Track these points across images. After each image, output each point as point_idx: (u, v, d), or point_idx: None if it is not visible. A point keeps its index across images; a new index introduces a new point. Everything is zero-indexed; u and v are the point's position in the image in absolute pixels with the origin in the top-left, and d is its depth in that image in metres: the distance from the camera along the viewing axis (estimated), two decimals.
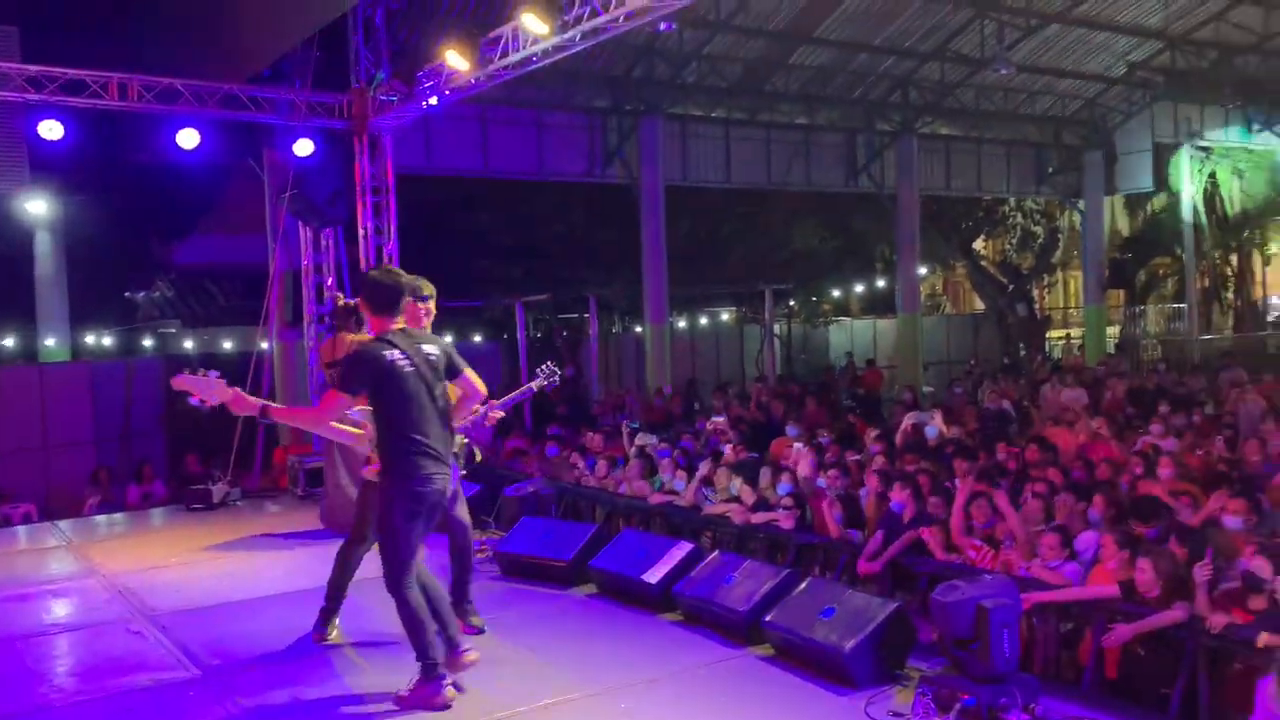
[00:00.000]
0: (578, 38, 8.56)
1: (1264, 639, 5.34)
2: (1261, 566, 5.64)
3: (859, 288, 28.42)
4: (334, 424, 5.30)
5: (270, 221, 13.61)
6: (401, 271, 5.45)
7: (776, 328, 24.07)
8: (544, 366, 6.72)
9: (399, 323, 5.18)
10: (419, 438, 4.93)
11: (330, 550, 6.15)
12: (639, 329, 20.38)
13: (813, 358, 25.73)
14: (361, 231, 12.14)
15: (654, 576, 6.09)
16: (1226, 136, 23.39)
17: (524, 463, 11.75)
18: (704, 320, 26.09)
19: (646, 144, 18.01)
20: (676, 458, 10.54)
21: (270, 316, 13.17)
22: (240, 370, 12.65)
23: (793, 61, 18.78)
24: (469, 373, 5.31)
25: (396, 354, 4.95)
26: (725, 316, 27.19)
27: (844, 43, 18.35)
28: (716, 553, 6.19)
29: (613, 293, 21.49)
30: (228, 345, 21.60)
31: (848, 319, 28.37)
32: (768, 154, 20.28)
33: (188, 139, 10.88)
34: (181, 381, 4.89)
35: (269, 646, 6.00)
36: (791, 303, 26.04)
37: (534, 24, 8.52)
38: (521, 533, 7.58)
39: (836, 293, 28.81)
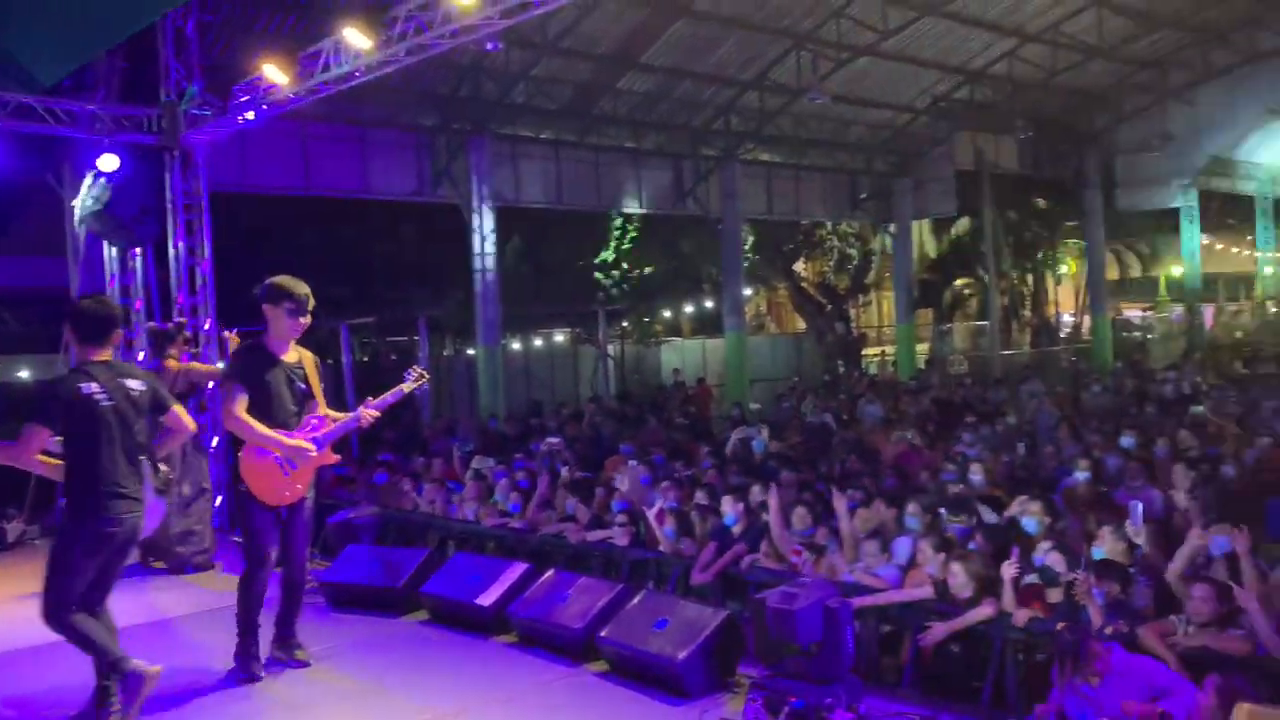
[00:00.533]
0: (402, 53, 8.44)
1: (1061, 628, 5.74)
2: (1056, 561, 6.06)
3: (689, 308, 29.01)
4: (40, 458, 5.03)
5: (71, 241, 12.75)
6: (115, 302, 5.79)
7: (610, 348, 24.31)
8: (413, 369, 6.63)
9: (104, 354, 5.18)
10: (107, 476, 4.88)
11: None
12: (471, 351, 20.16)
13: (646, 377, 26.07)
14: (173, 251, 11.54)
15: (488, 599, 6.02)
16: (1020, 165, 25.16)
17: (350, 490, 11.40)
18: (538, 341, 26.06)
19: (476, 163, 17.88)
20: (517, 480, 10.48)
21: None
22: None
23: (620, 86, 19.08)
24: (176, 408, 5.49)
25: (94, 387, 4.90)
26: (560, 338, 27.24)
27: (668, 69, 18.79)
28: (551, 572, 6.17)
29: (443, 314, 21.18)
30: (24, 374, 20.07)
31: (679, 339, 28.90)
32: (597, 176, 20.50)
33: None
34: None
35: (70, 695, 5.59)
36: (624, 323, 26.34)
37: (356, 38, 8.35)
38: (348, 561, 7.34)
39: (668, 313, 29.32)
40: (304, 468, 5.86)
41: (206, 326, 11.71)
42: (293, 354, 6.05)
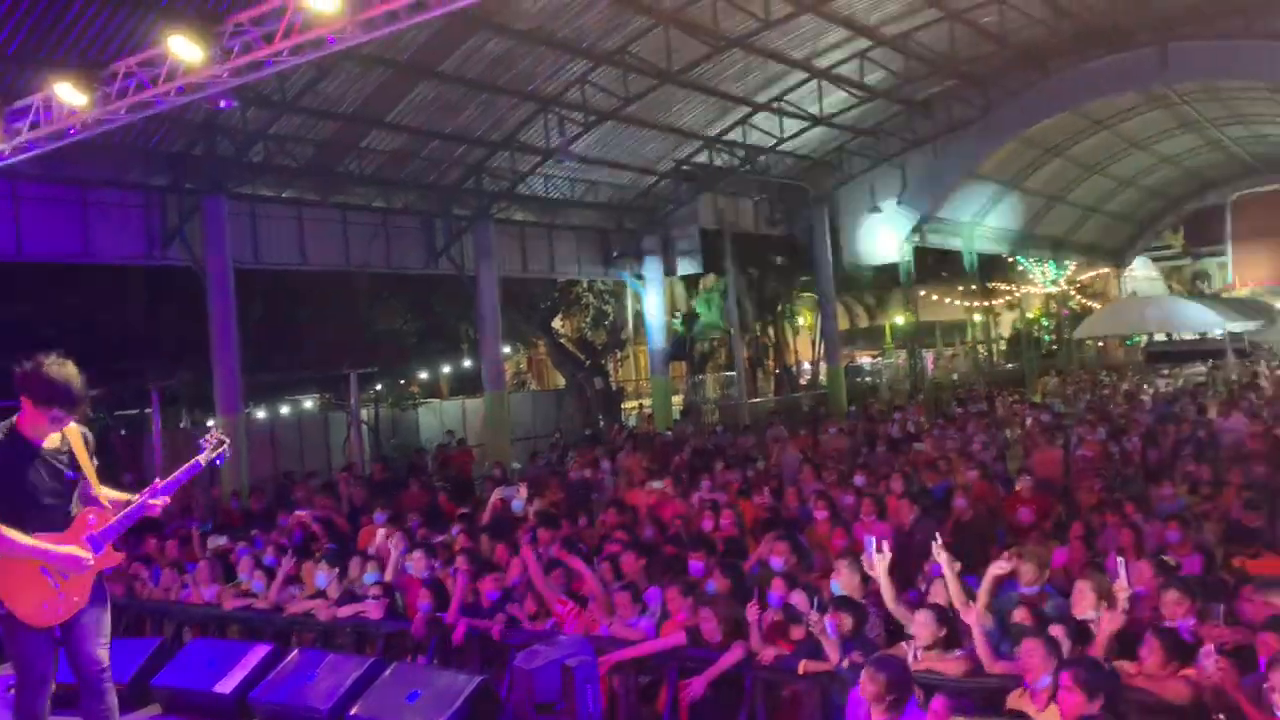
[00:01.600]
0: (123, 111, 7.96)
1: (803, 666, 6.05)
2: (799, 599, 6.39)
3: (446, 369, 28.67)
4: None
5: None
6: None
7: (364, 413, 23.56)
8: (209, 436, 5.67)
9: None
10: None
11: None
12: (210, 422, 18.98)
13: (404, 441, 25.43)
14: None
15: (227, 686, 5.63)
16: (757, 225, 26.73)
17: None
18: (285, 409, 24.89)
19: (211, 224, 16.97)
20: (262, 558, 9.92)
21: None
22: None
23: (365, 145, 18.78)
24: None
25: None
26: (309, 404, 26.15)
27: (415, 129, 18.68)
28: (296, 651, 5.86)
29: (178, 384, 19.84)
30: None
31: (437, 400, 28.45)
32: (345, 236, 19.98)
33: None
34: None
35: None
36: (378, 386, 25.66)
37: (70, 94, 7.80)
38: (64, 658, 6.66)
39: (424, 375, 28.84)
40: (80, 577, 4.90)
41: None
42: (54, 436, 5.01)
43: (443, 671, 5.35)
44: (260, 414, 23.27)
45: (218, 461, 5.71)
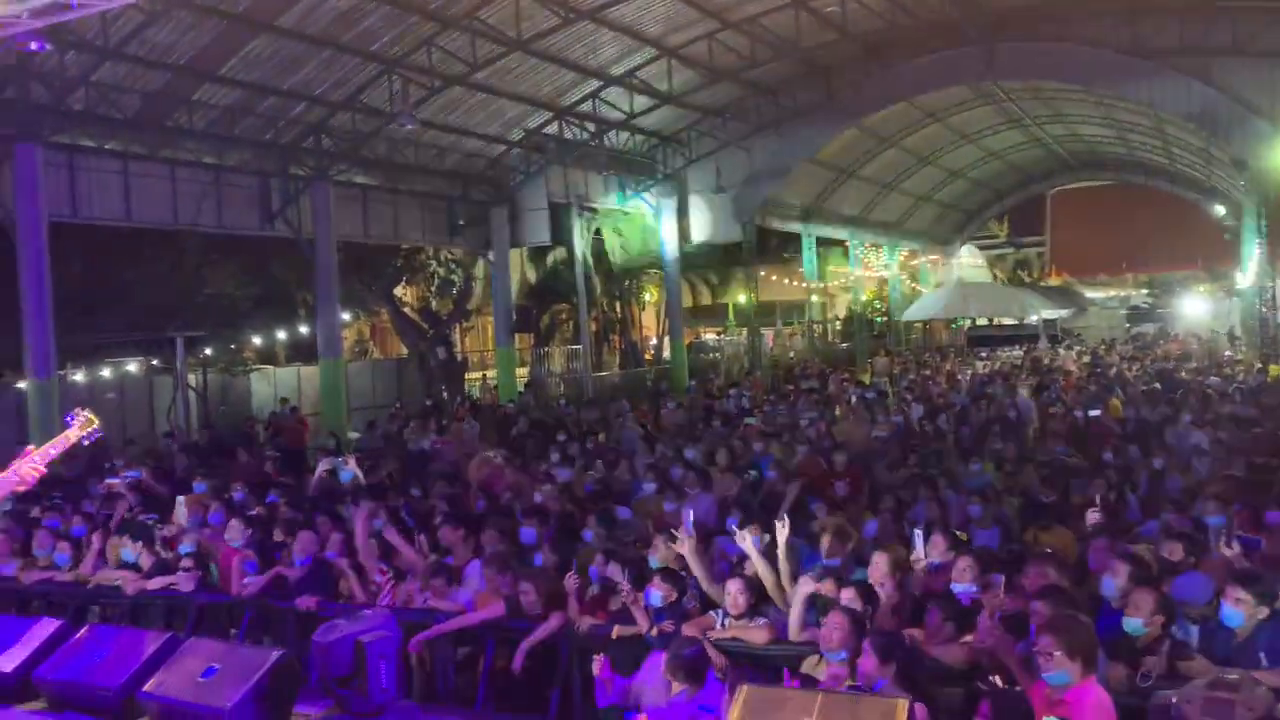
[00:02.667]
0: None
1: (616, 630, 6.21)
2: (615, 572, 6.54)
3: (281, 334, 27.70)
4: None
5: None
6: None
7: (191, 378, 22.56)
8: (79, 413, 5.38)
9: None
10: None
11: None
12: (21, 385, 17.82)
13: (235, 408, 24.49)
14: None
15: (8, 664, 5.34)
16: (606, 199, 26.85)
17: None
18: (106, 372, 23.55)
19: (22, 173, 15.84)
20: (71, 528, 9.45)
21: None
22: None
23: (197, 98, 17.90)
24: None
25: None
26: (132, 367, 24.83)
27: (251, 84, 17.93)
28: (87, 627, 5.62)
29: None
30: None
31: (272, 367, 27.49)
32: (174, 192, 19.02)
33: None
34: None
35: None
36: (208, 350, 24.58)
37: None
38: None
39: (257, 340, 27.78)
40: None
41: None
42: None
43: (243, 646, 5.25)
44: (78, 376, 21.96)
45: (86, 441, 5.62)
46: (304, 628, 7.18)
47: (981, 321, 40.13)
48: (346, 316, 27.00)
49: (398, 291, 29.12)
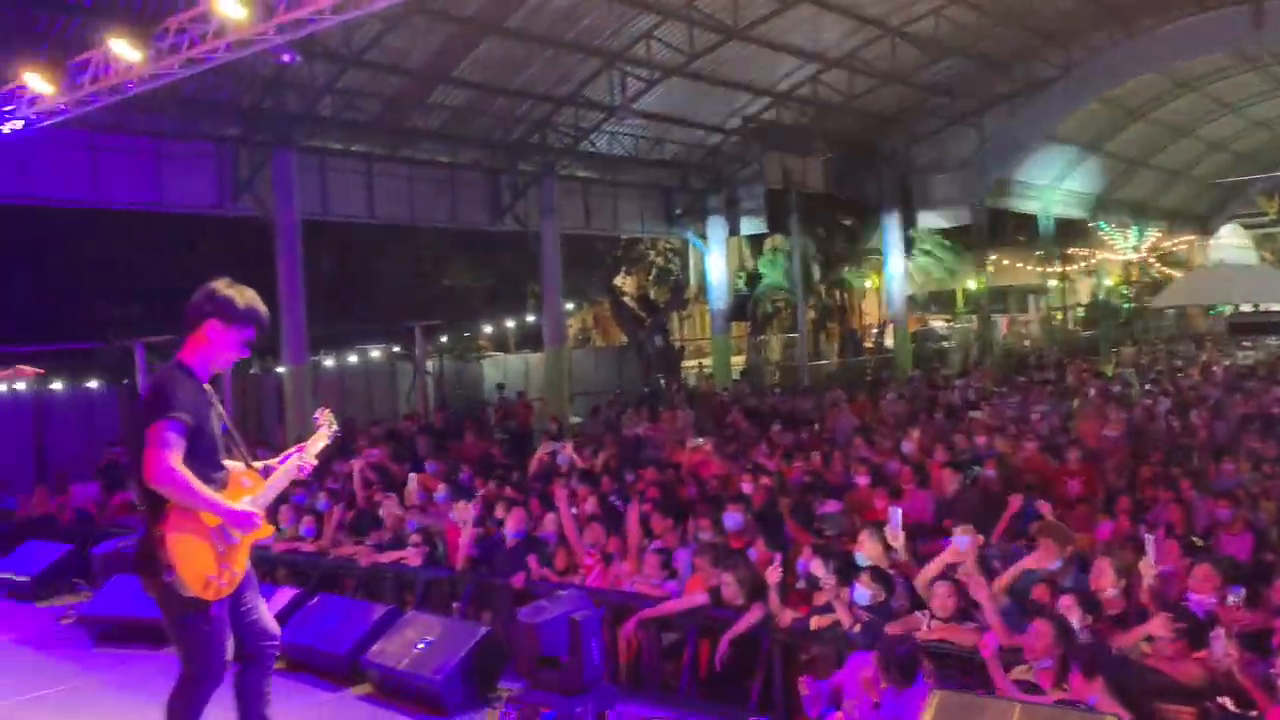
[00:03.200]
0: (176, 66, 8.17)
1: (814, 622, 6.09)
2: (817, 565, 6.40)
3: (511, 323, 28.97)
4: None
5: None
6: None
7: (429, 364, 23.98)
8: (323, 413, 5.10)
9: None
10: None
11: None
12: (281, 369, 19.54)
13: (468, 393, 25.84)
14: None
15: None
16: (826, 184, 26.30)
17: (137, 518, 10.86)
18: (354, 358, 25.43)
19: (280, 176, 17.38)
20: (317, 503, 10.23)
21: None
22: None
23: (432, 100, 18.94)
24: None
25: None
26: (376, 354, 26.68)
27: (481, 85, 18.78)
28: (318, 596, 6.08)
29: None
30: None
31: (502, 354, 28.80)
32: (412, 190, 20.26)
33: None
34: None
35: None
36: (444, 338, 26.05)
37: (124, 50, 8.04)
38: (115, 593, 7.01)
39: (489, 329, 29.17)
40: (241, 544, 4.24)
41: None
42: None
43: (457, 621, 5.52)
44: (329, 362, 23.81)
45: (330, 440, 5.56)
46: (519, 603, 7.49)
47: (1246, 308, 36.46)
48: (570, 306, 27.89)
49: (617, 281, 29.75)
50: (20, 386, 19.54)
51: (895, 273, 27.70)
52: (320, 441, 4.71)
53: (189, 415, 4.05)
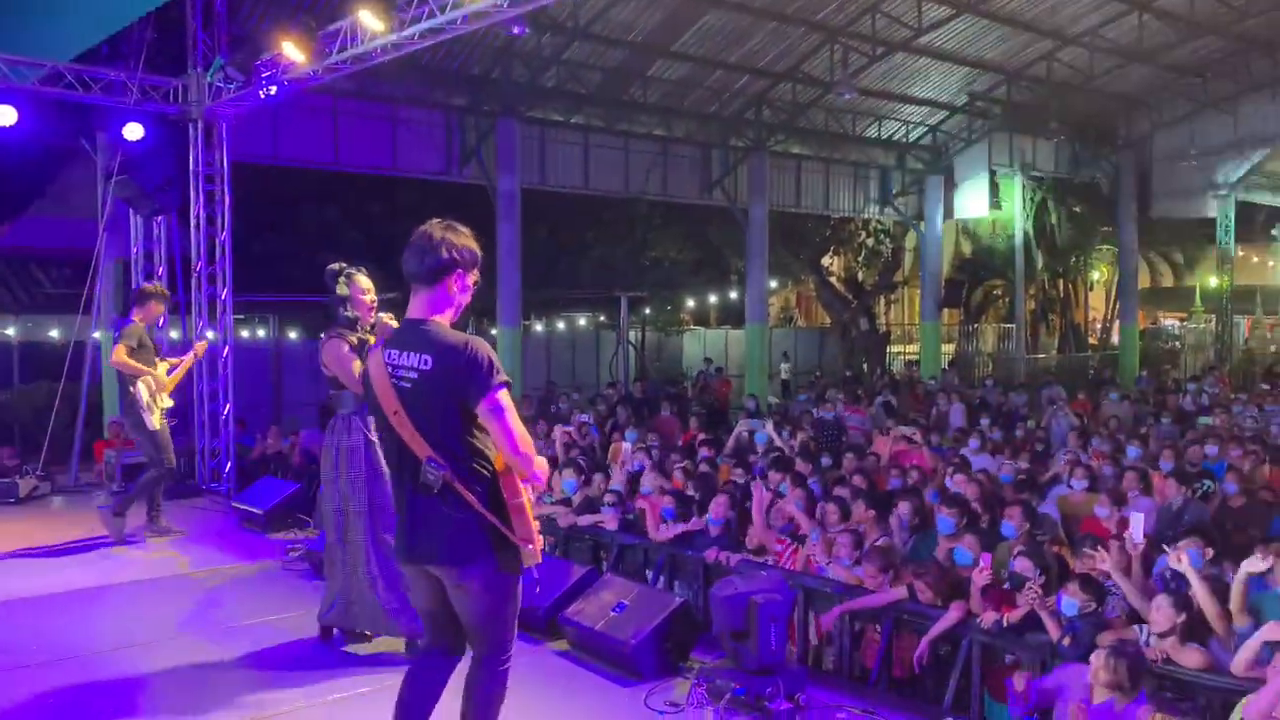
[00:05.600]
0: (416, 36, 8.56)
1: (1005, 616, 5.77)
2: (1025, 567, 6.09)
3: (713, 298, 29.03)
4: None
5: (100, 206, 13.06)
6: None
7: (632, 334, 24.42)
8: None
9: None
10: None
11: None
12: (494, 331, 20.36)
13: (667, 365, 26.16)
14: (194, 221, 11.77)
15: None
16: (1056, 168, 24.89)
17: None
18: (561, 325, 26.22)
19: (503, 145, 18.01)
20: None
21: (96, 305, 12.63)
22: (71, 360, 12.18)
23: (651, 73, 19.11)
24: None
25: None
26: (582, 322, 27.39)
27: (700, 58, 18.77)
28: None
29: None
30: (54, 333, 20.54)
31: (702, 328, 28.94)
32: (626, 162, 20.56)
33: (3, 116, 10.34)
34: None
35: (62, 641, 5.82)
36: (648, 310, 26.42)
37: (370, 20, 8.49)
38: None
39: (691, 302, 29.35)
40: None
41: (224, 295, 11.96)
42: None
43: (653, 589, 5.58)
44: (538, 328, 24.64)
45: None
46: (711, 579, 7.51)
47: None
48: (774, 284, 27.66)
49: (825, 261, 29.24)
50: (261, 334, 21.24)
51: (1127, 265, 25.92)
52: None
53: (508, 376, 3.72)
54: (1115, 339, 28.91)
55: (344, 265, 6.01)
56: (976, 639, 6.17)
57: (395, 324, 4.90)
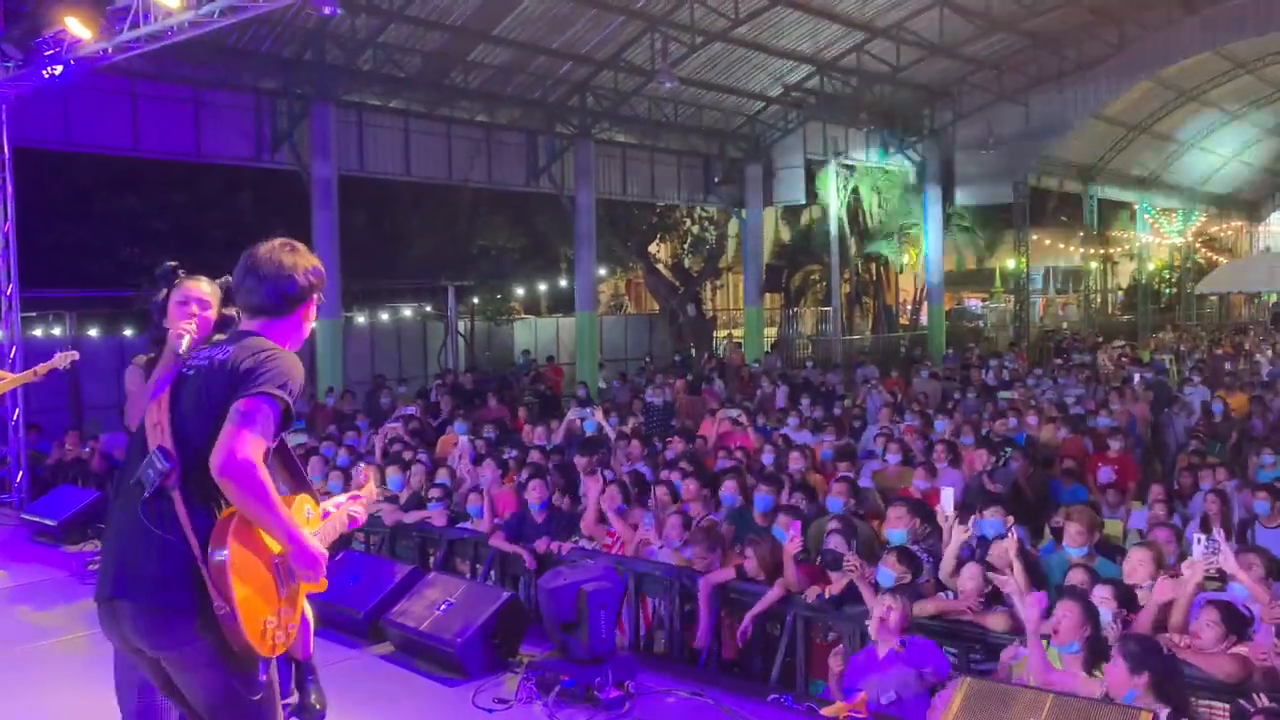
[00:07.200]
0: (216, 14, 8.09)
1: (811, 593, 5.99)
2: (838, 544, 6.31)
3: (543, 287, 28.89)
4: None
5: None
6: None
7: (460, 325, 24.01)
8: (366, 473, 4.77)
9: None
10: None
11: None
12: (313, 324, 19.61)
13: (498, 355, 25.86)
14: None
15: None
16: (867, 157, 25.96)
17: None
18: (385, 316, 25.49)
19: (318, 130, 17.28)
20: (338, 459, 10.26)
21: None
22: None
23: (472, 58, 18.78)
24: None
25: None
26: (408, 312, 26.74)
27: (522, 43, 18.57)
28: (341, 554, 6.07)
29: None
30: None
31: (532, 317, 28.76)
32: (449, 149, 20.14)
33: None
34: None
35: None
36: (476, 299, 26.05)
37: None
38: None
39: (521, 291, 29.12)
40: (299, 593, 3.22)
41: (9, 290, 11.04)
42: None
43: (479, 584, 5.49)
44: (361, 319, 23.90)
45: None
46: (542, 569, 7.46)
47: None
48: (603, 271, 27.75)
49: (652, 248, 29.56)
50: (56, 331, 19.76)
51: (934, 249, 27.34)
52: (368, 500, 3.81)
53: (292, 403, 3.08)
54: (924, 319, 30.48)
55: (177, 266, 4.41)
56: (800, 614, 6.37)
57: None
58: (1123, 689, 4.44)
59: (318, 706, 3.87)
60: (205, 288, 4.24)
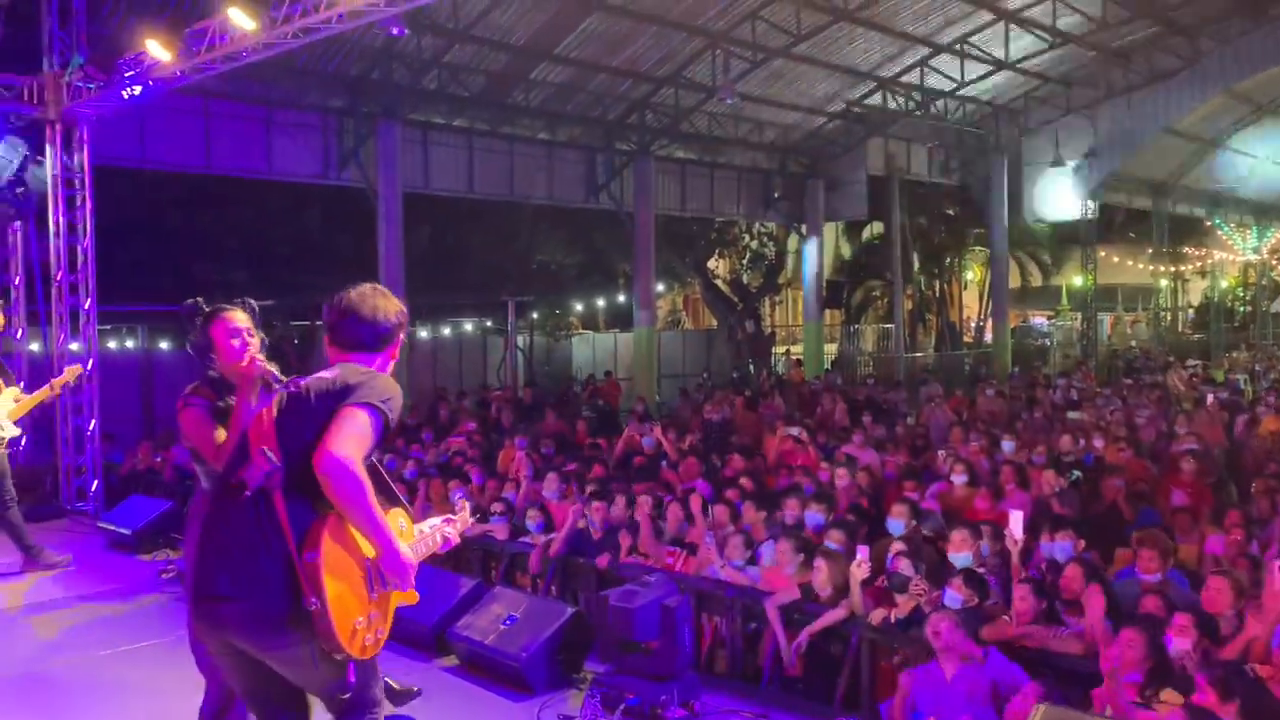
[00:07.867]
0: (289, 35, 8.28)
1: (878, 615, 5.89)
2: (904, 566, 6.21)
3: (601, 302, 29.05)
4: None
5: None
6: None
7: (519, 339, 24.22)
8: (462, 504, 4.31)
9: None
10: None
11: None
12: None
13: (556, 369, 26.04)
14: (53, 227, 11.16)
15: None
16: (929, 172, 25.69)
17: None
18: (447, 330, 25.84)
19: (384, 148, 17.60)
20: (404, 472, 10.38)
21: None
22: None
23: (534, 77, 18.97)
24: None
25: None
26: (469, 327, 27.06)
27: (583, 62, 18.73)
28: None
29: None
30: None
31: (592, 332, 28.92)
32: (511, 166, 20.38)
33: None
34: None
35: None
36: (535, 314, 26.28)
37: (240, 19, 8.18)
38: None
39: (580, 306, 29.32)
40: (389, 601, 3.28)
41: (87, 305, 11.37)
42: None
43: (544, 599, 5.50)
44: (423, 333, 24.23)
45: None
46: (603, 585, 7.46)
47: None
48: (661, 287, 27.82)
49: (710, 264, 29.56)
50: (130, 345, 20.29)
51: (999, 266, 26.94)
52: (462, 526, 3.85)
53: (393, 420, 3.21)
54: (989, 337, 30.01)
55: (200, 301, 4.45)
56: (865, 636, 6.28)
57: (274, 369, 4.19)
58: (1211, 717, 4.30)
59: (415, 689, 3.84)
60: (241, 315, 4.42)
